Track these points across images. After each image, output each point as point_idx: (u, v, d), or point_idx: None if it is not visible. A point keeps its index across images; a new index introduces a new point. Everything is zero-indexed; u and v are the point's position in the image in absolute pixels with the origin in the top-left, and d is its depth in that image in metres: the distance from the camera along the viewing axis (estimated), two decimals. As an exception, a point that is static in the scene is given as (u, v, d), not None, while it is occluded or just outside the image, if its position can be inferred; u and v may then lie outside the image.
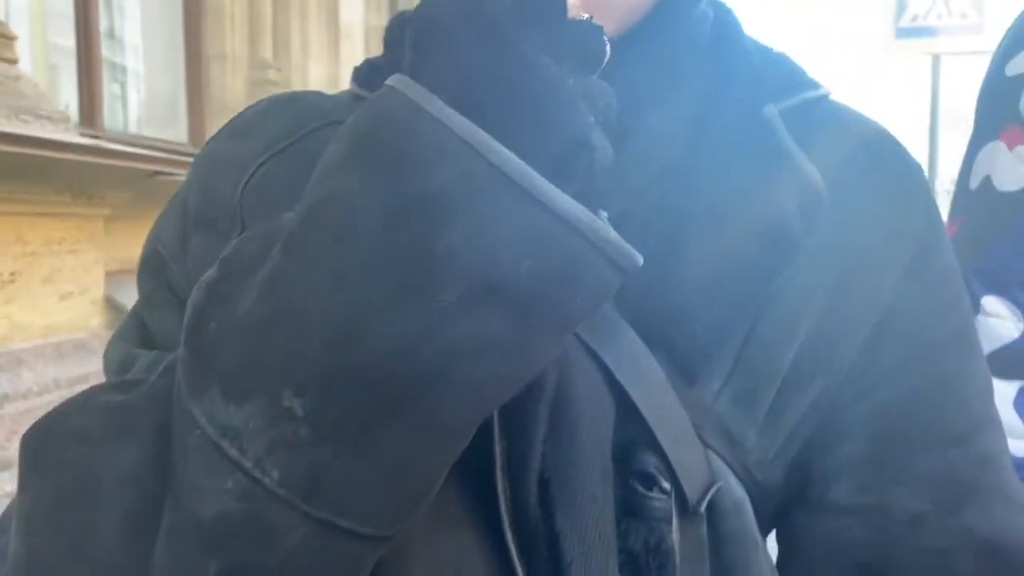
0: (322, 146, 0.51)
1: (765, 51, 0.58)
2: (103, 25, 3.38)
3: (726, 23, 0.57)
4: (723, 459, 0.48)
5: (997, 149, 0.79)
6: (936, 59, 6.96)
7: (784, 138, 0.52)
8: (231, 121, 0.60)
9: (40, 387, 2.11)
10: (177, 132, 3.94)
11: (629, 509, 0.45)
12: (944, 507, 0.51)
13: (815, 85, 0.57)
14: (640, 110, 0.52)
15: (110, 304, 2.54)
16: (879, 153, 0.56)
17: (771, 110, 0.53)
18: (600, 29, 0.41)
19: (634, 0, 0.49)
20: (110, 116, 3.47)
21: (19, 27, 3.15)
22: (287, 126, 0.56)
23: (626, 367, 0.47)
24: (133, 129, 3.79)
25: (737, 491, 0.48)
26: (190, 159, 3.06)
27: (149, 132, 3.84)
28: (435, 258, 0.36)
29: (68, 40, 3.21)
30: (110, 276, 2.65)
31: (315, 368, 0.37)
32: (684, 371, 0.49)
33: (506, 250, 0.35)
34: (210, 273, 0.44)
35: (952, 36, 6.71)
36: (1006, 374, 0.78)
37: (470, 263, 0.35)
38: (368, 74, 0.59)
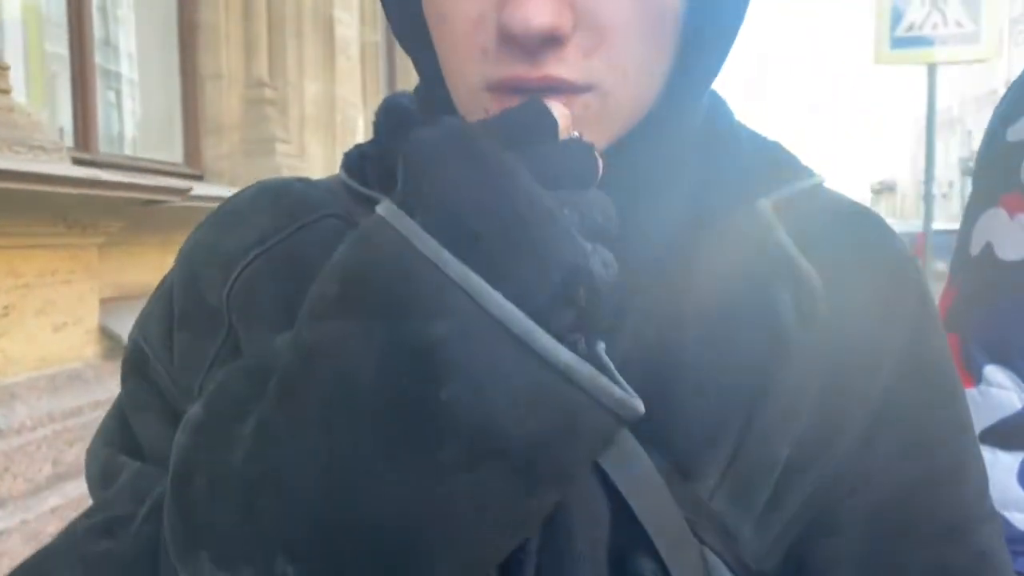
0: (312, 244, 0.53)
1: (757, 140, 0.57)
2: (97, 45, 3.37)
3: (717, 112, 0.56)
4: (718, 555, 0.47)
5: (997, 216, 0.78)
6: (932, 68, 6.98)
7: (778, 233, 0.52)
8: (219, 209, 0.59)
9: (34, 421, 2.10)
10: (172, 152, 3.93)
11: None
12: None
13: (808, 173, 0.56)
14: (632, 207, 0.51)
15: (105, 333, 2.52)
16: (871, 243, 0.56)
17: (764, 203, 0.52)
18: (591, 147, 0.40)
19: (631, 109, 0.47)
20: (105, 136, 3.46)
21: (15, 35, 3.15)
22: (276, 220, 0.55)
23: (619, 468, 0.46)
24: (128, 150, 3.78)
25: None
26: (185, 182, 3.04)
27: (144, 152, 3.83)
28: (433, 414, 0.35)
29: (65, 48, 3.21)
30: (105, 304, 2.63)
31: (308, 532, 0.36)
32: (679, 467, 0.48)
33: (507, 407, 0.35)
34: (196, 412, 0.42)
35: (948, 46, 6.72)
36: (1009, 445, 0.76)
37: (470, 420, 0.35)
38: (358, 162, 0.57)
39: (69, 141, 3.16)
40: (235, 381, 0.42)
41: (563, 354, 0.35)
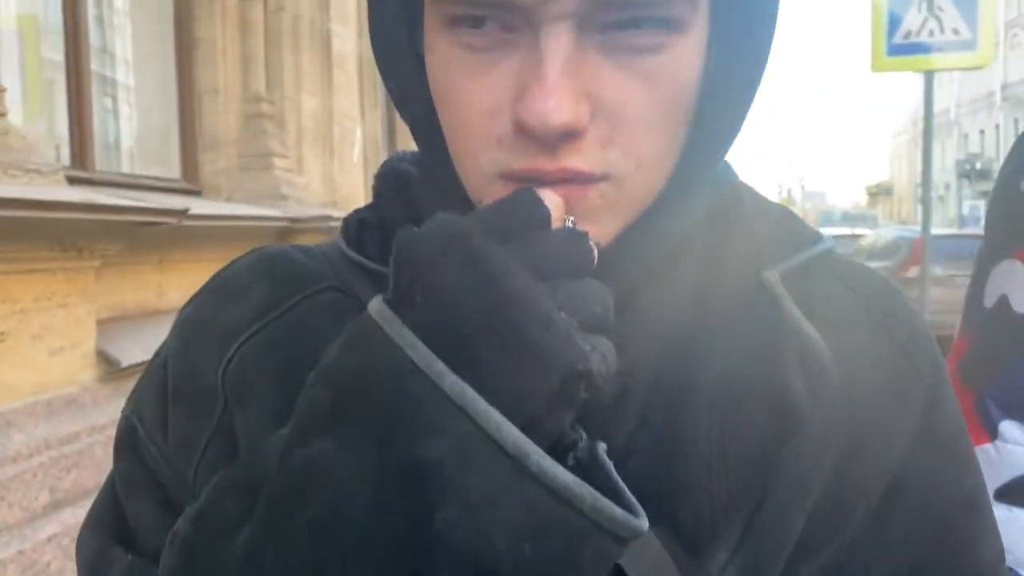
0: (311, 320, 0.53)
1: (762, 205, 0.57)
2: (93, 61, 3.36)
3: (722, 180, 0.55)
4: None
5: (1012, 267, 0.77)
6: (929, 75, 7.00)
7: (788, 306, 0.51)
8: (214, 279, 0.58)
9: (30, 449, 2.08)
10: (170, 168, 3.92)
11: None
12: None
13: (815, 240, 0.56)
14: (637, 288, 0.50)
15: (102, 357, 2.50)
16: (882, 312, 0.56)
17: (772, 275, 0.52)
18: (585, 236, 0.39)
19: (644, 195, 0.46)
20: (102, 153, 3.45)
21: (10, 43, 3.14)
22: (274, 292, 0.54)
23: (629, 552, 0.44)
24: (126, 165, 3.77)
25: None
26: (183, 200, 3.02)
27: (142, 168, 3.82)
28: (426, 541, 0.34)
29: (62, 55, 3.19)
30: (101, 325, 2.61)
31: None
32: (688, 544, 0.47)
33: (504, 532, 0.34)
34: (185, 528, 0.42)
35: (944, 53, 6.73)
36: None
37: (466, 545, 0.34)
38: (357, 231, 0.57)
39: (66, 158, 3.15)
40: (224, 495, 0.41)
41: (561, 475, 0.34)
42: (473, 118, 0.43)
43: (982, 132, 46.99)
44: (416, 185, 0.56)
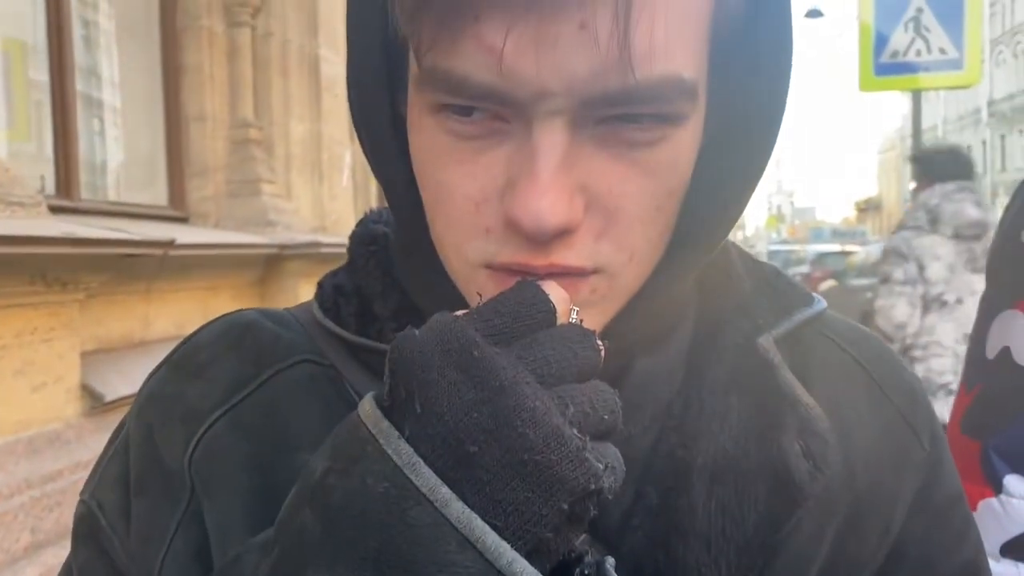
0: (285, 397, 0.50)
1: (753, 269, 0.56)
2: (80, 86, 3.34)
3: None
4: None
5: (1015, 318, 0.75)
6: (917, 93, 7.05)
7: (784, 374, 0.50)
8: (178, 352, 0.54)
9: (11, 488, 2.03)
10: (156, 194, 3.89)
11: None
12: None
13: (808, 301, 0.54)
14: (633, 357, 0.49)
15: (86, 391, 2.46)
16: (881, 376, 0.55)
17: (766, 341, 0.50)
18: (592, 335, 0.37)
19: (634, 286, 0.44)
20: (88, 181, 3.42)
21: None
22: (243, 366, 0.51)
23: None
24: (112, 192, 3.74)
25: None
26: (169, 228, 2.99)
27: (128, 195, 3.79)
28: None
29: (47, 75, 3.17)
30: (86, 357, 2.58)
31: None
32: None
33: None
34: None
35: (931, 72, 6.78)
36: None
37: None
38: (333, 297, 0.54)
39: (51, 186, 3.11)
40: None
41: None
42: (459, 206, 0.41)
43: (969, 148, 47.36)
44: (391, 253, 0.54)
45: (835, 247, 21.20)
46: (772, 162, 0.56)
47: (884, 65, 6.76)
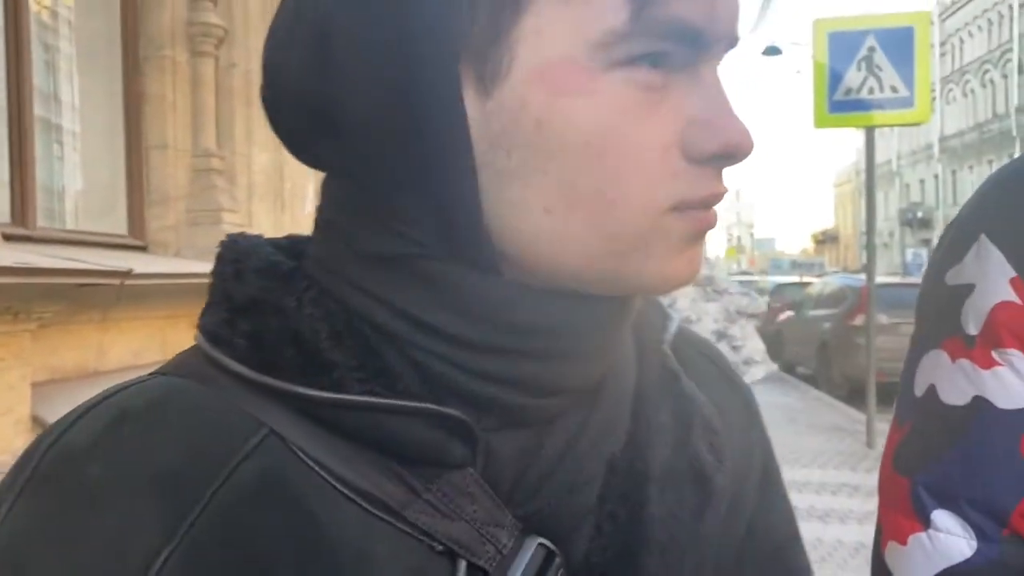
0: (244, 517, 0.41)
1: None
2: (38, 111, 3.31)
3: None
4: None
5: (939, 359, 0.78)
6: (870, 130, 7.25)
7: (685, 380, 0.55)
8: (63, 459, 0.41)
9: (-42, 523, 1.98)
10: (116, 223, 3.85)
11: None
12: None
13: (668, 312, 0.60)
14: (607, 374, 0.51)
15: (36, 423, 2.42)
16: (724, 369, 0.63)
17: (667, 352, 0.56)
18: None
19: None
20: (44, 206, 3.38)
21: None
22: (161, 506, 0.39)
23: None
24: (70, 220, 3.69)
25: None
26: (127, 256, 2.94)
27: (86, 222, 3.74)
28: None
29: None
30: (37, 388, 2.53)
31: None
32: None
33: None
34: None
35: (884, 109, 6.98)
36: None
37: None
38: (256, 350, 0.44)
39: (6, 214, 3.07)
40: None
41: None
42: (648, 156, 0.42)
43: (922, 182, 48.62)
44: (319, 283, 0.47)
45: (794, 278, 21.51)
46: (732, 194, 0.62)
47: (838, 103, 6.96)
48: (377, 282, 0.45)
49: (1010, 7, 39.41)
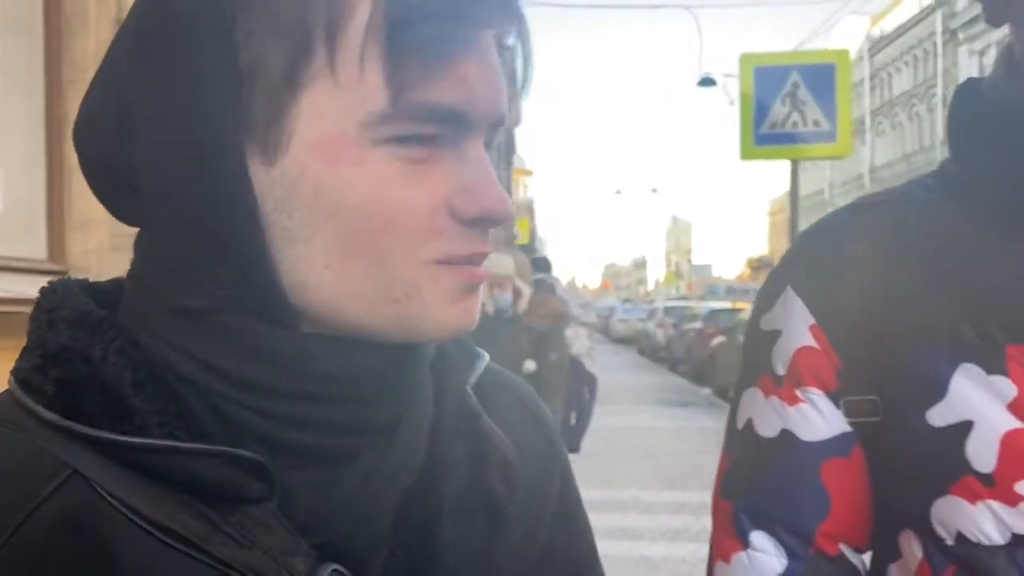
0: (45, 564, 0.45)
1: None
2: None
3: None
4: None
5: (755, 396, 0.87)
6: (794, 163, 7.49)
7: (485, 420, 0.61)
8: None
9: None
10: (35, 247, 3.80)
11: None
12: None
13: (478, 352, 0.66)
14: (403, 410, 0.56)
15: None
16: (531, 408, 0.70)
17: (468, 393, 0.62)
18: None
19: None
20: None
21: None
22: None
23: None
24: (-14, 244, 3.63)
25: None
26: (46, 278, 2.92)
27: (2, 248, 3.68)
28: None
29: None
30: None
31: None
32: None
33: None
34: None
35: (808, 143, 7.24)
36: None
37: None
38: (61, 396, 0.48)
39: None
40: None
41: None
42: (413, 217, 0.49)
43: (853, 211, 49.91)
44: (122, 332, 0.51)
45: (727, 304, 21.96)
46: (670, 220, 0.70)
47: (764, 135, 7.19)
48: (180, 334, 0.50)
49: (935, 44, 41.11)
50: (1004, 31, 0.78)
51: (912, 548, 0.78)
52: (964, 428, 0.73)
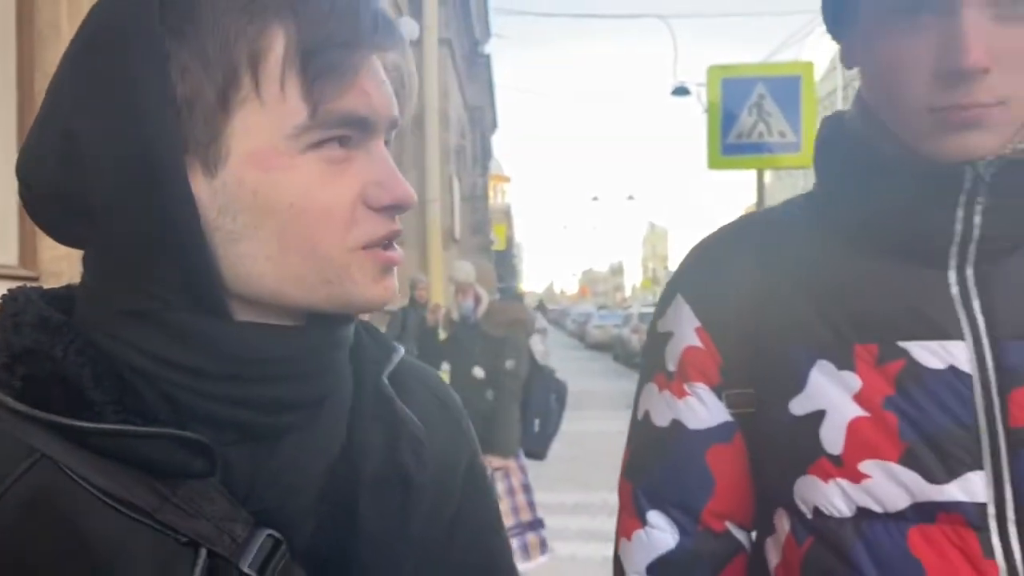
0: (25, 542, 0.55)
1: (358, 322, 0.73)
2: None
3: None
4: None
5: (652, 390, 0.98)
6: (760, 172, 7.65)
7: (398, 404, 0.70)
8: None
9: None
10: (7, 254, 3.85)
11: None
12: None
13: (395, 347, 0.75)
14: (329, 391, 0.66)
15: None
16: (440, 395, 0.80)
17: (384, 379, 0.71)
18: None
19: None
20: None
21: None
22: None
23: None
24: (-44, 251, 3.67)
25: None
26: (21, 283, 2.96)
27: (-26, 254, 3.72)
28: None
29: None
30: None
31: None
32: None
33: None
34: None
35: (774, 153, 7.39)
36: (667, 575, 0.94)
37: None
38: (28, 389, 0.57)
39: None
40: None
41: None
42: (338, 210, 0.60)
43: (825, 219, 50.57)
44: (71, 332, 0.59)
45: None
46: (647, 227, 0.81)
47: (731, 145, 7.34)
48: (131, 332, 0.59)
49: (904, 55, 41.73)
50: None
51: (782, 523, 0.90)
52: (818, 416, 0.84)
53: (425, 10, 13.31)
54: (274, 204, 0.58)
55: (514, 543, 4.40)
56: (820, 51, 49.54)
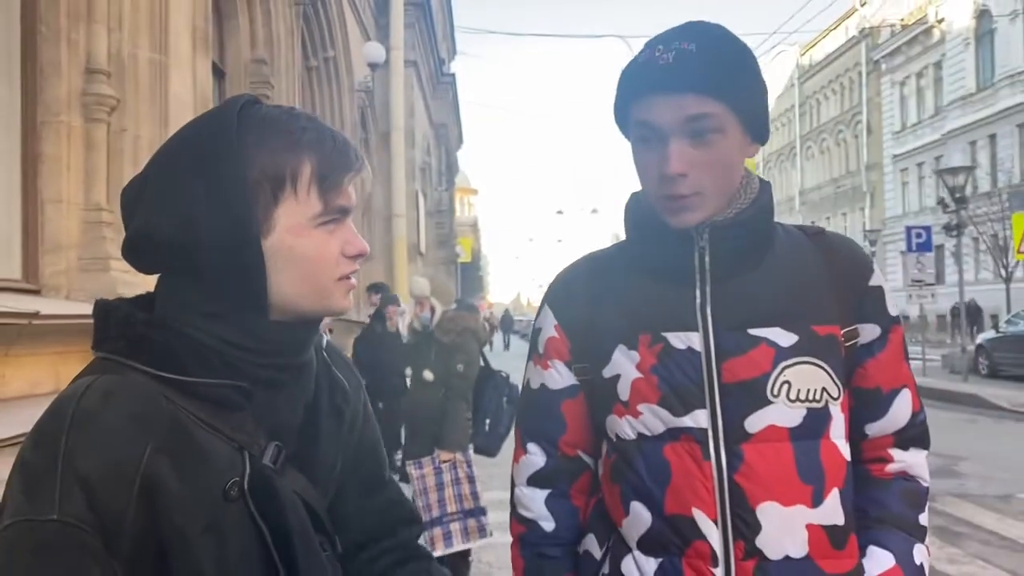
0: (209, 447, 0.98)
1: None
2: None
3: None
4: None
5: (530, 365, 1.51)
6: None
7: (333, 370, 1.20)
8: (87, 408, 0.88)
9: None
10: (10, 269, 4.25)
11: None
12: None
13: (324, 335, 1.23)
14: (307, 362, 1.11)
15: (-47, 439, 2.78)
16: (348, 364, 1.23)
17: (324, 356, 1.15)
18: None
19: None
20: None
21: None
22: (138, 428, 0.91)
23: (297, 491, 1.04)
24: (-34, 267, 4.06)
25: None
26: (21, 295, 3.32)
27: (-18, 269, 4.12)
28: None
29: None
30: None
31: None
32: (317, 484, 1.08)
33: None
34: None
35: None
36: (543, 485, 1.47)
37: None
38: (177, 358, 0.96)
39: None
40: None
41: None
42: (330, 259, 1.00)
43: (784, 232, 51.36)
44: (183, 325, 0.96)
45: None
46: (611, 238, 1.34)
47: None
48: (210, 325, 0.96)
49: (860, 74, 42.87)
50: (923, 62, 1.37)
51: (603, 447, 1.43)
52: (616, 378, 1.36)
53: (392, 33, 13.86)
54: (299, 255, 0.97)
55: (456, 527, 4.86)
56: (775, 72, 50.41)
